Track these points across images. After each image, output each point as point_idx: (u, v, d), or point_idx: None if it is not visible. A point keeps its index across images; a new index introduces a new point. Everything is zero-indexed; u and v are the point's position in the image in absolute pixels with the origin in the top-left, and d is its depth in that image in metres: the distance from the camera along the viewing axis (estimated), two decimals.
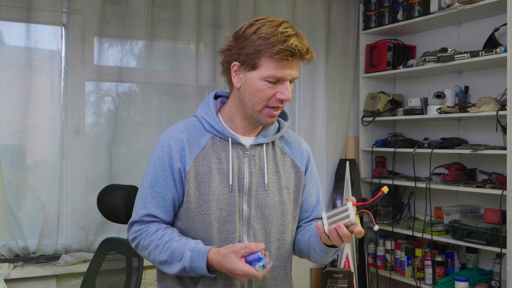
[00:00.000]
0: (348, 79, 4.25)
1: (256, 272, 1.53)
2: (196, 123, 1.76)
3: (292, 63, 1.63)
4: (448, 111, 3.56)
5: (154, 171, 1.71)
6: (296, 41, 1.61)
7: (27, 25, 3.22)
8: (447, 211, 3.68)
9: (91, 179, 3.42)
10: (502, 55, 3.19)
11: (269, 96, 1.65)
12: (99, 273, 2.69)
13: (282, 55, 1.60)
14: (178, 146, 1.70)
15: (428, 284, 3.70)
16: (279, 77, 1.63)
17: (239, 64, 1.67)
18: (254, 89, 1.65)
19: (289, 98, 1.65)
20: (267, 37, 1.61)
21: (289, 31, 1.63)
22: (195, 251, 1.60)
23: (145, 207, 1.70)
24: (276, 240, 1.74)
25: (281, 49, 1.59)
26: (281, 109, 1.71)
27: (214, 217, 1.67)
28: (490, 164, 3.59)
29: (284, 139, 1.83)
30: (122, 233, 3.41)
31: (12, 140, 3.21)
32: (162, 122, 3.59)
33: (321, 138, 4.20)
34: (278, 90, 1.65)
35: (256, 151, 1.74)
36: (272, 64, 1.62)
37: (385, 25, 4.07)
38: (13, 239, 3.18)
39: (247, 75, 1.66)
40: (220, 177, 1.69)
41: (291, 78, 1.65)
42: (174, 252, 1.63)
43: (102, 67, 3.46)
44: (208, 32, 3.76)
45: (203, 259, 1.58)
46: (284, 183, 1.76)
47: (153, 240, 1.67)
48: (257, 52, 1.62)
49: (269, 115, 1.68)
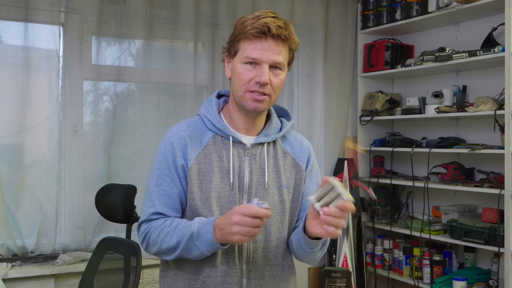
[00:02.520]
0: (346, 79, 4.25)
1: (255, 208, 1.50)
2: (198, 121, 1.78)
3: (268, 44, 1.64)
4: (446, 111, 3.57)
5: (159, 169, 1.72)
6: (269, 20, 1.64)
7: (25, 24, 3.21)
8: (445, 210, 3.69)
9: (89, 179, 3.42)
10: (500, 54, 3.19)
11: (247, 79, 1.66)
12: (97, 273, 2.69)
13: (253, 32, 1.63)
14: (181, 144, 1.71)
15: (426, 283, 3.70)
16: (254, 57, 1.64)
17: (227, 54, 1.74)
18: (235, 74, 1.69)
19: (265, 81, 1.64)
20: (245, 23, 1.67)
21: (266, 14, 1.67)
22: (203, 220, 1.62)
23: (153, 206, 1.71)
24: (275, 239, 1.74)
25: (252, 27, 1.63)
26: (268, 99, 1.69)
27: (216, 214, 1.67)
28: (488, 164, 3.60)
29: (286, 139, 1.84)
30: (120, 233, 3.40)
31: (10, 140, 3.21)
32: (160, 122, 3.59)
33: (319, 137, 4.20)
34: (256, 74, 1.65)
35: (257, 150, 1.75)
36: (247, 44, 1.65)
37: (383, 24, 4.07)
38: (11, 239, 3.18)
39: (232, 63, 1.71)
40: (221, 175, 1.70)
41: (269, 61, 1.65)
42: (183, 230, 1.63)
43: (100, 66, 3.45)
44: (206, 31, 3.75)
45: (211, 224, 1.59)
46: (284, 182, 1.76)
47: (163, 229, 1.66)
48: (236, 37, 1.68)
49: (252, 99, 1.67)
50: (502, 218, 3.18)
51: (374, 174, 4.17)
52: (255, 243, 1.71)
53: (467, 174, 3.65)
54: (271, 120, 1.80)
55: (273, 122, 1.80)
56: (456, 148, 3.52)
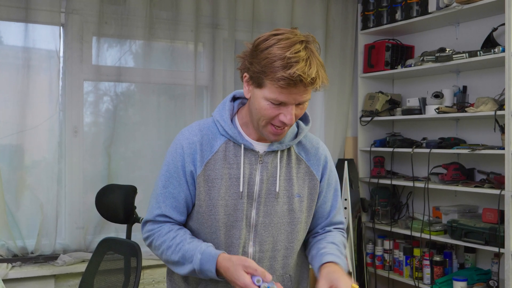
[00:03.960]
0: (346, 79, 4.25)
1: None
2: (211, 125, 1.73)
3: (299, 89, 1.55)
4: (446, 111, 3.57)
5: (168, 171, 1.71)
6: (301, 69, 1.51)
7: (25, 24, 3.21)
8: (445, 210, 3.69)
9: (89, 179, 3.42)
10: (500, 55, 3.19)
11: (271, 116, 1.59)
12: (98, 273, 2.69)
13: (283, 82, 1.52)
14: (191, 149, 1.69)
15: (426, 284, 3.70)
16: (282, 100, 1.56)
17: (248, 77, 1.62)
18: (258, 106, 1.60)
19: (291, 123, 1.59)
20: (273, 59, 1.53)
21: (299, 55, 1.52)
22: (206, 254, 1.60)
23: (159, 207, 1.71)
24: (284, 249, 1.73)
25: (283, 76, 1.51)
26: (289, 127, 1.65)
27: (222, 222, 1.67)
28: (488, 164, 3.59)
29: (302, 145, 1.78)
30: (121, 233, 3.40)
31: (10, 140, 3.21)
32: (160, 122, 3.59)
33: (320, 138, 4.18)
34: (281, 112, 1.58)
35: (270, 158, 1.71)
36: (275, 88, 1.54)
37: (383, 25, 4.07)
38: (11, 239, 3.18)
39: (254, 91, 1.61)
40: (230, 182, 1.67)
41: (297, 102, 1.58)
42: (185, 254, 1.63)
43: (100, 67, 3.45)
44: (206, 32, 3.75)
45: (213, 263, 1.58)
46: (296, 191, 1.73)
47: (165, 240, 1.68)
48: (262, 73, 1.55)
49: (273, 133, 1.63)
50: (503, 219, 3.18)
51: (374, 174, 4.17)
52: (262, 253, 1.70)
53: (468, 175, 3.65)
54: None
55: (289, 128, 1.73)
56: (456, 149, 3.52)
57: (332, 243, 1.76)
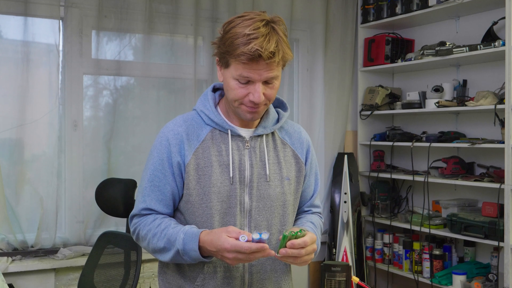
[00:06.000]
0: (346, 73, 4.25)
1: (246, 245, 1.49)
2: (195, 116, 1.76)
3: (260, 65, 1.58)
4: (446, 105, 3.56)
5: (153, 165, 1.72)
6: (259, 43, 1.55)
7: (25, 18, 3.21)
8: (445, 204, 3.69)
9: (89, 173, 3.42)
10: (500, 48, 3.19)
11: (241, 96, 1.63)
12: (98, 267, 2.70)
13: (243, 57, 1.56)
14: (177, 140, 1.70)
15: (426, 278, 3.71)
16: (247, 77, 1.60)
17: (218, 60, 1.68)
18: (228, 87, 1.65)
19: (260, 100, 1.61)
20: (234, 38, 1.58)
21: (258, 31, 1.57)
22: (188, 233, 1.61)
23: (144, 201, 1.72)
24: (277, 232, 1.74)
25: (243, 52, 1.56)
26: (264, 107, 1.68)
27: (215, 210, 1.67)
28: (488, 158, 3.60)
29: (284, 130, 1.83)
30: (121, 227, 3.41)
31: (10, 134, 3.21)
32: (160, 116, 3.59)
33: (320, 132, 4.20)
34: (250, 91, 1.62)
35: (256, 143, 1.74)
36: (238, 64, 1.59)
37: (383, 18, 4.06)
38: (12, 233, 3.18)
39: (223, 72, 1.67)
40: (221, 169, 1.69)
41: (263, 79, 1.61)
42: (170, 237, 1.63)
43: (100, 60, 3.45)
44: (206, 25, 3.74)
45: (195, 241, 1.59)
46: (285, 174, 1.76)
47: (151, 229, 1.68)
48: (227, 52, 1.60)
49: (247, 111, 1.66)
50: (502, 212, 3.19)
51: (374, 168, 4.17)
52: None
53: (467, 169, 3.65)
54: (268, 112, 1.78)
55: (270, 113, 1.79)
56: (456, 143, 3.52)
57: (311, 222, 1.83)
